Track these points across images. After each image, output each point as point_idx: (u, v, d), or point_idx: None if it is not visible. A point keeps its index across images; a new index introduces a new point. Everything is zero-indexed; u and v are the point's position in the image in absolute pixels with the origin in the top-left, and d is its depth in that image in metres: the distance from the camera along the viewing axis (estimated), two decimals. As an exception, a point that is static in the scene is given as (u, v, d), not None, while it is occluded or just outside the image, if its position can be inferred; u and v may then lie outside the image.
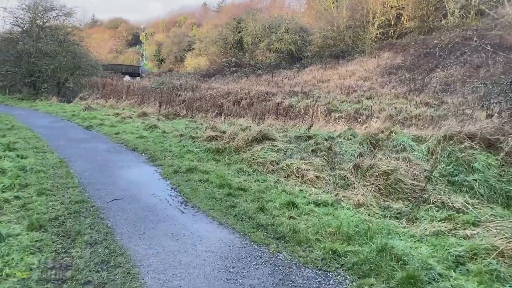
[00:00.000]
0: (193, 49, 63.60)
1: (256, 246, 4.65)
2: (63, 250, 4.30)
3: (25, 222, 4.86)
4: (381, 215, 5.88)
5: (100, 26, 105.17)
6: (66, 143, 10.16)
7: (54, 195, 6.01)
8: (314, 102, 16.38)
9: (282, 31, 41.83)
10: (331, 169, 7.63)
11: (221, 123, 13.92)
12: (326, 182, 7.15)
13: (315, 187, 6.96)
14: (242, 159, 8.54)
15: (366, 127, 10.49)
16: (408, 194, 6.45)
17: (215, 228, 5.16)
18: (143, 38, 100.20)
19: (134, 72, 59.30)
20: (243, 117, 17.03)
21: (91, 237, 4.66)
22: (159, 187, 6.88)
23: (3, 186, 6.14)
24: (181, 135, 10.83)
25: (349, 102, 21.63)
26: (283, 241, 4.80)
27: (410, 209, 5.82)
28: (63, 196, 6.01)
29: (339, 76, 31.67)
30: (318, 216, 5.57)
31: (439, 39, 30.13)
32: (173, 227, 5.12)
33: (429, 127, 10.62)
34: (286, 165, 7.84)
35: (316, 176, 7.26)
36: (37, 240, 4.48)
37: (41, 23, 24.92)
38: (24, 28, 24.67)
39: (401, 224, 5.41)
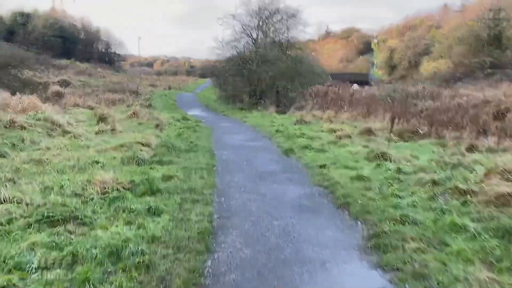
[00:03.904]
0: (431, 52, 55.55)
1: None
2: None
3: None
4: None
5: (333, 37, 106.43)
6: (241, 181, 6.51)
7: None
8: None
9: None
10: None
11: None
12: None
13: None
14: None
15: None
16: None
17: None
18: (374, 45, 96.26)
19: (362, 80, 55.57)
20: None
21: None
22: None
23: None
24: (434, 182, 5.70)
25: None
26: None
27: None
28: None
29: None
30: None
31: None
32: None
33: None
34: None
35: None
36: None
37: (266, 29, 23.46)
38: (250, 35, 23.69)
39: None
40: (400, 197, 5.40)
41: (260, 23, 23.38)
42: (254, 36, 23.95)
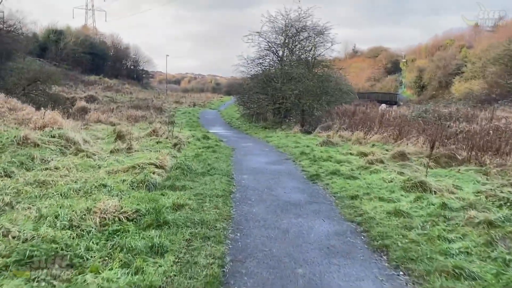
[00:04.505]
0: (462, 72, 53.88)
1: None
2: None
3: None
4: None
5: (360, 56, 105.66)
6: (261, 213, 5.75)
7: None
8: None
9: None
10: None
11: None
12: None
13: None
14: None
15: None
16: None
17: None
18: (403, 65, 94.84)
19: (391, 100, 54.24)
20: None
21: None
22: None
23: None
24: (489, 223, 4.79)
25: None
26: None
27: None
28: None
29: None
30: None
31: None
32: None
33: None
34: None
35: None
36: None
37: (292, 46, 22.89)
38: (275, 52, 23.16)
39: None
40: (449, 241, 4.52)
41: (286, 41, 22.82)
42: (280, 53, 23.41)
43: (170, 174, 7.50)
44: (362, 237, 4.89)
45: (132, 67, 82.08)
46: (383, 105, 46.80)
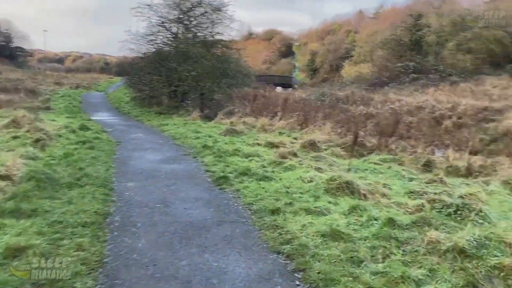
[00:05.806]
0: (352, 56, 56.51)
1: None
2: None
3: None
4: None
5: (255, 38, 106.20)
6: (150, 249, 3.94)
7: None
8: None
9: (480, 25, 31.49)
10: None
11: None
12: None
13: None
14: None
15: None
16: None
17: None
18: (296, 48, 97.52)
19: (286, 83, 54.92)
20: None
21: None
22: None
23: None
24: (461, 251, 3.64)
25: None
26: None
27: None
28: None
29: None
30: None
31: None
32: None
33: None
34: None
35: None
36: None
37: (187, 23, 20.75)
38: (168, 29, 20.79)
39: None
40: (417, 284, 3.26)
41: (181, 16, 20.58)
42: (174, 30, 21.10)
43: (18, 189, 5.23)
44: (298, 283, 3.42)
45: (3, 43, 71.53)
46: (279, 88, 47.00)
